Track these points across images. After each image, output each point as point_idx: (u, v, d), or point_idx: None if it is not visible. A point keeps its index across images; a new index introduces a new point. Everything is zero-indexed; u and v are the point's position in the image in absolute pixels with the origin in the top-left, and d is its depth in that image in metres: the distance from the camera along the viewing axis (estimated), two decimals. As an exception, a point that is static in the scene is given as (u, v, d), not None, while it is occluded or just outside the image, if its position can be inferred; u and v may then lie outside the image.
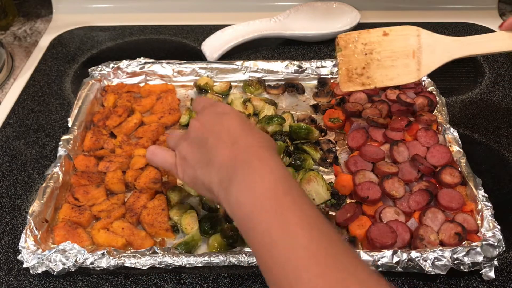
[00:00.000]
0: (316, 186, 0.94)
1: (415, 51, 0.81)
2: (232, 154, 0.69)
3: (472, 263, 0.80)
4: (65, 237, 0.87)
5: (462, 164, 0.96)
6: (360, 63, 0.83)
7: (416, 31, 0.81)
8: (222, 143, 0.71)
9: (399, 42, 0.81)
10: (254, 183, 0.64)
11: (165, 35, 1.45)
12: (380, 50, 0.82)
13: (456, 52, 0.81)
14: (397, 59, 0.81)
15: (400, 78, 0.83)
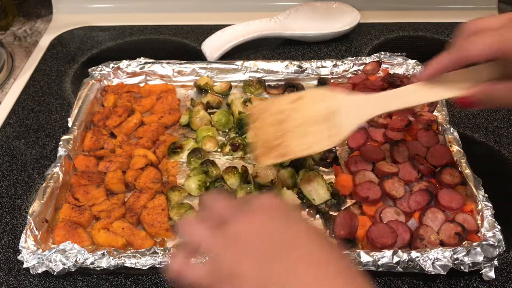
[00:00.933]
0: (316, 186, 0.94)
1: (329, 115, 0.74)
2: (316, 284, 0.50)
3: (472, 263, 0.80)
4: (65, 237, 0.87)
5: (462, 164, 0.95)
6: (274, 134, 0.76)
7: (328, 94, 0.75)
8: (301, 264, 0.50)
9: (312, 107, 0.75)
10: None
11: (165, 35, 1.45)
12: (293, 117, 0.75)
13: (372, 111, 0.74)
14: (312, 126, 0.75)
15: (317, 145, 0.76)
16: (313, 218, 0.93)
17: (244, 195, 0.93)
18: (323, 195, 0.94)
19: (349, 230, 0.87)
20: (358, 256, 0.80)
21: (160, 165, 1.02)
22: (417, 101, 0.72)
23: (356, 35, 1.43)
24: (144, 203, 0.93)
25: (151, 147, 1.05)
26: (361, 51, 1.37)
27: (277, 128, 0.76)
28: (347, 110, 0.73)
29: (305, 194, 0.95)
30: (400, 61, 1.22)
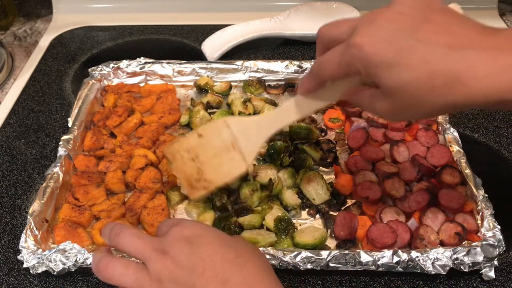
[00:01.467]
0: (316, 186, 0.94)
1: (233, 143, 0.79)
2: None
3: (472, 263, 0.80)
4: (65, 237, 0.87)
5: (462, 164, 0.96)
6: (192, 169, 0.82)
7: (224, 123, 0.80)
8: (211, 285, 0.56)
9: (215, 139, 0.80)
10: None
11: (165, 35, 1.45)
12: (202, 152, 0.81)
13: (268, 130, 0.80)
14: (222, 156, 0.80)
15: (232, 172, 0.81)
16: (313, 218, 0.93)
17: (249, 191, 0.93)
18: (323, 195, 0.94)
19: (349, 230, 0.87)
20: (358, 256, 0.80)
21: (160, 165, 1.02)
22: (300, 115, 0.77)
23: (356, 35, 1.43)
24: (144, 203, 0.93)
25: (151, 147, 1.05)
26: (361, 51, 1.37)
27: (193, 165, 0.82)
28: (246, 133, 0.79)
29: (305, 194, 0.95)
30: (400, 61, 1.22)
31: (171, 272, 0.57)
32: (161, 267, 0.58)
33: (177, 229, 0.60)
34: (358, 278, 0.84)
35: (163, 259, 0.58)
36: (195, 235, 0.60)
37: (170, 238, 0.60)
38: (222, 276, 0.57)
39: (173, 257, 0.58)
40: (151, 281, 0.58)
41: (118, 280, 0.59)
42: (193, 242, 0.59)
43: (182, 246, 0.59)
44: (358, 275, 0.84)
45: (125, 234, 0.61)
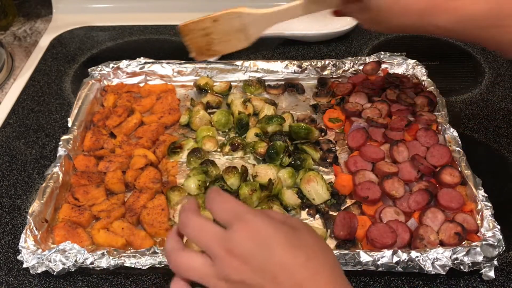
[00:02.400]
0: (316, 186, 0.94)
1: (242, 29, 0.98)
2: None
3: (472, 263, 0.80)
4: (65, 237, 0.87)
5: (462, 164, 0.95)
6: (203, 42, 1.00)
7: (237, 13, 0.96)
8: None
9: (227, 24, 0.98)
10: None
11: (165, 35, 1.45)
12: (214, 31, 0.99)
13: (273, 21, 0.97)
14: (230, 35, 0.99)
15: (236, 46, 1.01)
16: (313, 218, 0.93)
17: (249, 191, 0.93)
18: (322, 195, 0.94)
19: (348, 230, 0.87)
20: (358, 256, 0.80)
21: (160, 165, 1.02)
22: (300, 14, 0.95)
23: (356, 35, 1.43)
24: (144, 203, 0.93)
25: (151, 147, 1.05)
26: (361, 51, 1.37)
27: (204, 39, 1.00)
28: (253, 23, 0.97)
29: (304, 194, 0.95)
30: (399, 61, 1.22)
31: (240, 274, 0.56)
32: (230, 268, 0.57)
33: (243, 227, 0.58)
34: (358, 278, 0.84)
35: (231, 260, 0.57)
36: (263, 235, 0.57)
37: (238, 237, 0.57)
38: (294, 281, 0.55)
39: (242, 258, 0.56)
40: (218, 279, 0.58)
41: (185, 273, 0.60)
42: (262, 242, 0.57)
43: (251, 247, 0.57)
44: (358, 275, 0.84)
45: (191, 227, 0.60)
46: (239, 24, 0.97)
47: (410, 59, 1.22)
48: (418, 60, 1.22)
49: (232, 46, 1.01)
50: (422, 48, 1.39)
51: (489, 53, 1.36)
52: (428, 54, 1.34)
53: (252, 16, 0.97)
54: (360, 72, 1.21)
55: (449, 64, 1.34)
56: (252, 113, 1.12)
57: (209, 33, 1.00)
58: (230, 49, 1.02)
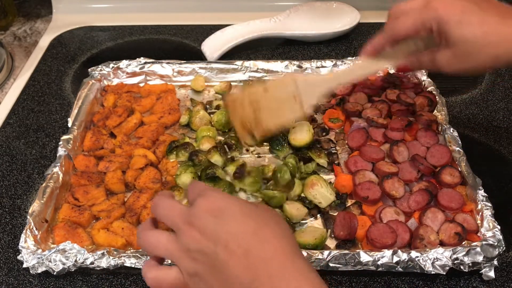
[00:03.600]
0: (320, 189, 0.93)
1: (296, 96, 0.90)
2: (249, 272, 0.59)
3: (472, 263, 0.80)
4: (65, 237, 0.87)
5: (462, 164, 0.96)
6: (250, 117, 0.91)
7: (292, 80, 0.90)
8: (234, 257, 0.60)
9: (280, 93, 0.90)
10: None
11: (165, 35, 1.45)
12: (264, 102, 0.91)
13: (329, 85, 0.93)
14: (282, 105, 0.90)
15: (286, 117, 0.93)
16: (314, 218, 0.93)
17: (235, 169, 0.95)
18: (329, 196, 0.93)
19: (348, 230, 0.87)
20: (358, 256, 0.80)
21: (160, 165, 1.02)
22: (361, 74, 0.92)
23: (356, 35, 1.43)
24: (144, 203, 0.93)
25: (151, 147, 1.05)
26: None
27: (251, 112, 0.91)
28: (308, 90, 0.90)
29: (310, 199, 0.94)
30: (400, 61, 1.22)
31: (198, 243, 0.61)
32: (189, 238, 0.62)
33: (203, 201, 0.63)
34: (358, 278, 0.84)
35: (191, 231, 0.62)
36: (219, 208, 0.63)
37: (197, 210, 0.63)
38: (244, 248, 0.60)
39: (199, 229, 0.62)
40: (180, 250, 0.63)
41: (152, 250, 0.65)
42: (218, 215, 0.62)
43: (208, 218, 0.62)
44: (358, 275, 0.84)
45: (161, 207, 0.66)
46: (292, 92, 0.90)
47: (410, 59, 1.22)
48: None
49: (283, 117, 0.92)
50: (422, 48, 1.39)
51: (489, 53, 1.36)
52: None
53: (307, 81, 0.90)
54: (360, 72, 1.21)
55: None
56: (252, 113, 1.12)
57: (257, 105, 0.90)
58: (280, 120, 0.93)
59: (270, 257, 0.60)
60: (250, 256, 0.60)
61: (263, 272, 0.59)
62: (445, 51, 0.83)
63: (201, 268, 0.62)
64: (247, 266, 0.59)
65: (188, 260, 0.63)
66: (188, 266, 0.63)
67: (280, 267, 0.59)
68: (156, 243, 0.65)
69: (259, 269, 0.59)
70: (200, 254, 0.62)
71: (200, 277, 0.62)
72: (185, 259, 0.63)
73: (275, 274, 0.59)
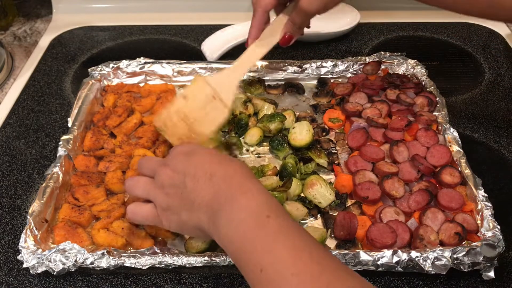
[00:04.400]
0: (320, 189, 0.93)
1: (214, 94, 0.93)
2: (213, 189, 0.69)
3: (472, 263, 0.80)
4: (65, 237, 0.87)
5: (462, 164, 0.96)
6: (184, 129, 0.93)
7: (203, 81, 0.93)
8: (200, 182, 0.70)
9: (199, 96, 0.93)
10: (239, 214, 0.66)
11: (165, 35, 1.45)
12: (189, 110, 0.93)
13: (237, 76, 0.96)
14: (206, 107, 0.93)
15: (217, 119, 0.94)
16: (314, 218, 0.93)
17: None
18: (328, 196, 0.93)
19: (348, 231, 0.87)
20: (358, 256, 0.80)
21: (160, 165, 1.02)
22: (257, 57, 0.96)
23: (356, 35, 1.43)
24: (144, 203, 0.93)
25: (151, 147, 1.05)
26: (361, 51, 1.37)
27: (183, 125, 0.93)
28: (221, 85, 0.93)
29: (310, 199, 0.94)
30: (400, 61, 1.22)
31: (170, 177, 0.73)
32: (163, 175, 0.73)
33: (178, 148, 0.77)
34: (358, 278, 0.84)
35: (165, 169, 0.74)
36: (190, 149, 0.75)
37: (172, 154, 0.76)
38: (209, 173, 0.70)
39: (172, 167, 0.73)
40: (156, 188, 0.74)
41: (132, 191, 0.79)
42: (188, 154, 0.74)
43: (180, 157, 0.74)
44: (358, 275, 0.84)
45: (141, 162, 0.81)
46: (209, 91, 0.92)
47: (410, 59, 1.22)
48: (418, 60, 1.22)
49: (213, 121, 0.93)
50: (422, 48, 1.39)
51: (489, 53, 1.36)
52: (428, 54, 1.35)
53: (216, 78, 0.94)
54: (360, 72, 1.21)
55: (449, 64, 1.34)
56: (252, 113, 1.12)
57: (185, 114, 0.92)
58: (212, 125, 0.93)
59: (231, 175, 0.70)
60: (214, 178, 0.69)
61: (223, 188, 0.68)
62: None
63: (172, 200, 0.72)
64: (211, 186, 0.69)
65: (162, 195, 0.73)
66: (161, 201, 0.73)
67: (238, 183, 0.69)
68: (136, 184, 0.77)
69: (220, 186, 0.68)
70: (172, 187, 0.72)
71: (171, 209, 0.73)
72: (160, 195, 0.74)
73: (233, 188, 0.68)
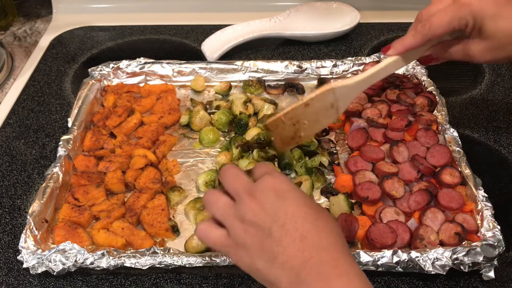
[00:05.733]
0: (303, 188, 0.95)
1: (333, 103, 0.88)
2: (302, 255, 0.61)
3: (472, 263, 0.80)
4: (65, 237, 0.87)
5: (462, 164, 0.95)
6: (291, 132, 0.90)
7: (331, 90, 0.86)
8: (289, 237, 0.62)
9: (320, 104, 0.87)
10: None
11: (165, 35, 1.45)
12: (304, 117, 0.89)
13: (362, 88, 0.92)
14: (320, 115, 0.88)
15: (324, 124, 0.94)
16: None
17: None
18: None
19: (347, 233, 0.87)
20: (358, 256, 0.80)
21: (160, 165, 1.02)
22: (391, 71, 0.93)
23: (356, 35, 1.43)
24: (144, 203, 0.93)
25: (151, 147, 1.05)
26: (361, 51, 1.37)
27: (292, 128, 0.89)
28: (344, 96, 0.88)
29: None
30: (400, 61, 1.22)
31: (255, 215, 0.63)
32: (247, 208, 0.64)
33: (268, 178, 0.66)
34: (358, 278, 0.84)
35: (251, 201, 0.64)
36: (283, 189, 0.65)
37: (262, 185, 0.65)
38: (300, 233, 0.62)
39: (260, 202, 0.64)
40: (235, 217, 0.65)
41: (209, 208, 0.69)
42: (280, 195, 0.64)
43: (270, 195, 0.64)
44: (358, 275, 0.84)
45: (227, 174, 0.69)
46: (331, 100, 0.87)
47: (410, 59, 1.22)
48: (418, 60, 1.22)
49: (321, 125, 0.92)
50: (422, 48, 1.39)
51: (489, 53, 1.36)
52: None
53: (346, 87, 0.88)
54: (360, 72, 1.21)
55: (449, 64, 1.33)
56: (252, 113, 1.12)
57: (298, 121, 0.88)
58: (318, 129, 0.94)
59: (325, 247, 0.62)
60: (305, 242, 0.61)
61: (316, 260, 0.60)
62: (479, 42, 0.85)
63: (251, 241, 0.63)
64: (301, 249, 0.61)
65: (239, 229, 0.64)
66: (238, 235, 0.64)
67: (333, 259, 0.61)
68: (215, 202, 0.68)
69: (313, 256, 0.61)
70: (254, 227, 0.63)
71: (246, 250, 0.64)
72: (237, 227, 0.65)
73: (328, 265, 0.60)
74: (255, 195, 0.64)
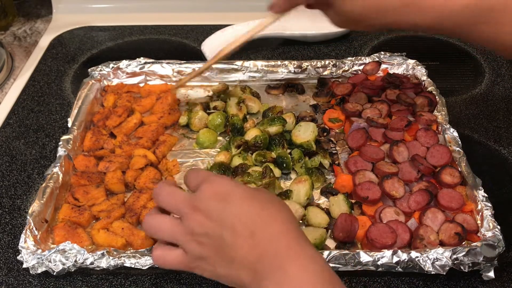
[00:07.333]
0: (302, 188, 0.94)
1: None
2: (255, 252, 0.61)
3: (472, 263, 0.80)
4: (65, 237, 0.87)
5: (462, 164, 0.95)
6: None
7: None
8: (240, 238, 0.62)
9: None
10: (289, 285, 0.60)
11: (165, 35, 1.45)
12: None
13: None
14: None
15: None
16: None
17: None
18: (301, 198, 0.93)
19: (347, 233, 0.87)
20: (358, 256, 0.80)
21: (160, 165, 1.02)
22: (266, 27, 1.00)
23: (356, 35, 1.43)
24: (144, 203, 0.93)
25: (151, 147, 1.05)
26: (361, 51, 1.37)
27: None
28: None
29: None
30: (399, 61, 1.22)
31: (203, 226, 0.63)
32: (194, 222, 0.64)
33: (207, 187, 0.65)
34: (358, 278, 0.84)
35: (196, 215, 0.64)
36: (224, 192, 0.65)
37: (202, 195, 0.65)
38: (250, 230, 0.62)
39: (205, 213, 0.63)
40: (185, 234, 0.65)
41: (156, 234, 0.68)
42: (223, 199, 0.64)
43: (212, 203, 0.64)
44: (358, 275, 0.84)
45: (163, 194, 0.68)
46: None
47: (410, 59, 1.22)
48: (418, 60, 1.22)
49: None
50: (422, 48, 1.39)
51: (489, 53, 1.36)
52: (428, 54, 1.34)
53: None
54: (360, 72, 1.21)
55: (449, 64, 1.34)
56: (246, 113, 1.12)
57: None
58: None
59: (275, 236, 0.62)
60: (256, 237, 0.61)
61: (269, 251, 0.61)
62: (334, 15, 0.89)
63: (207, 251, 0.64)
64: (253, 246, 0.61)
65: (193, 243, 0.64)
66: (193, 249, 0.64)
67: (285, 246, 0.61)
68: (159, 227, 0.67)
69: (265, 249, 0.61)
70: (206, 237, 0.63)
71: (205, 260, 0.64)
72: (191, 243, 0.64)
73: (281, 253, 0.61)
74: (198, 207, 0.64)
